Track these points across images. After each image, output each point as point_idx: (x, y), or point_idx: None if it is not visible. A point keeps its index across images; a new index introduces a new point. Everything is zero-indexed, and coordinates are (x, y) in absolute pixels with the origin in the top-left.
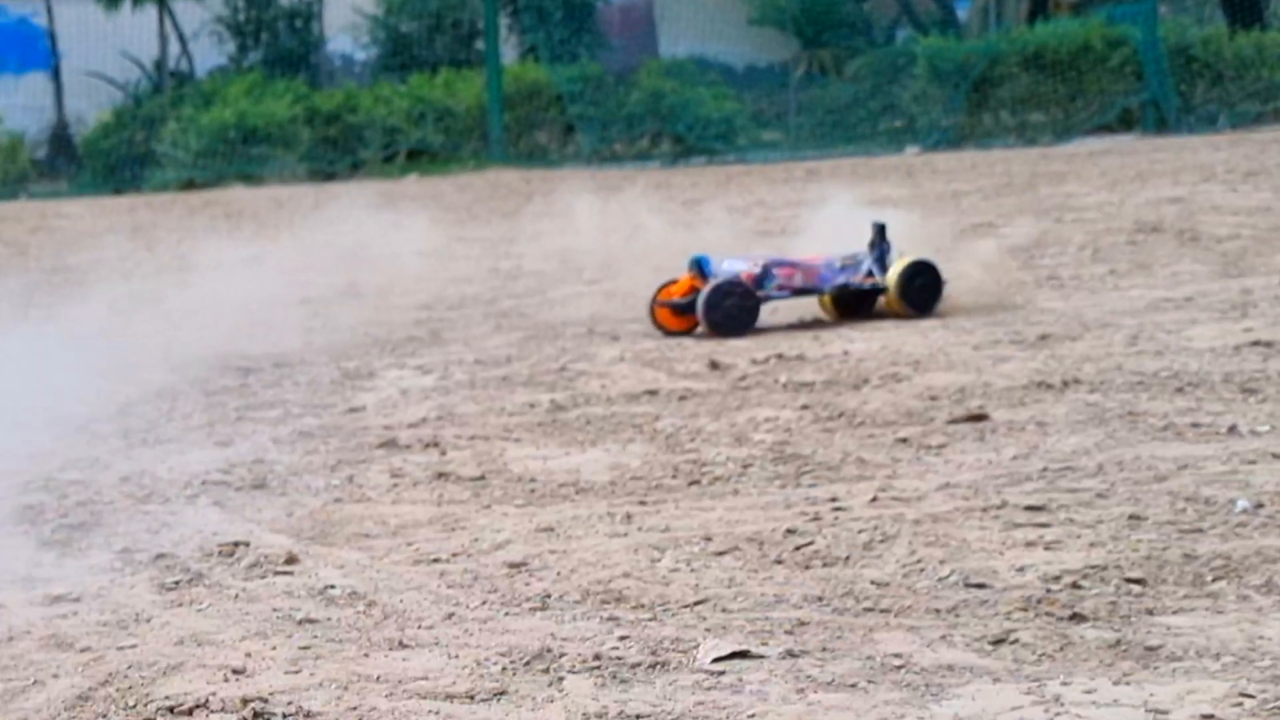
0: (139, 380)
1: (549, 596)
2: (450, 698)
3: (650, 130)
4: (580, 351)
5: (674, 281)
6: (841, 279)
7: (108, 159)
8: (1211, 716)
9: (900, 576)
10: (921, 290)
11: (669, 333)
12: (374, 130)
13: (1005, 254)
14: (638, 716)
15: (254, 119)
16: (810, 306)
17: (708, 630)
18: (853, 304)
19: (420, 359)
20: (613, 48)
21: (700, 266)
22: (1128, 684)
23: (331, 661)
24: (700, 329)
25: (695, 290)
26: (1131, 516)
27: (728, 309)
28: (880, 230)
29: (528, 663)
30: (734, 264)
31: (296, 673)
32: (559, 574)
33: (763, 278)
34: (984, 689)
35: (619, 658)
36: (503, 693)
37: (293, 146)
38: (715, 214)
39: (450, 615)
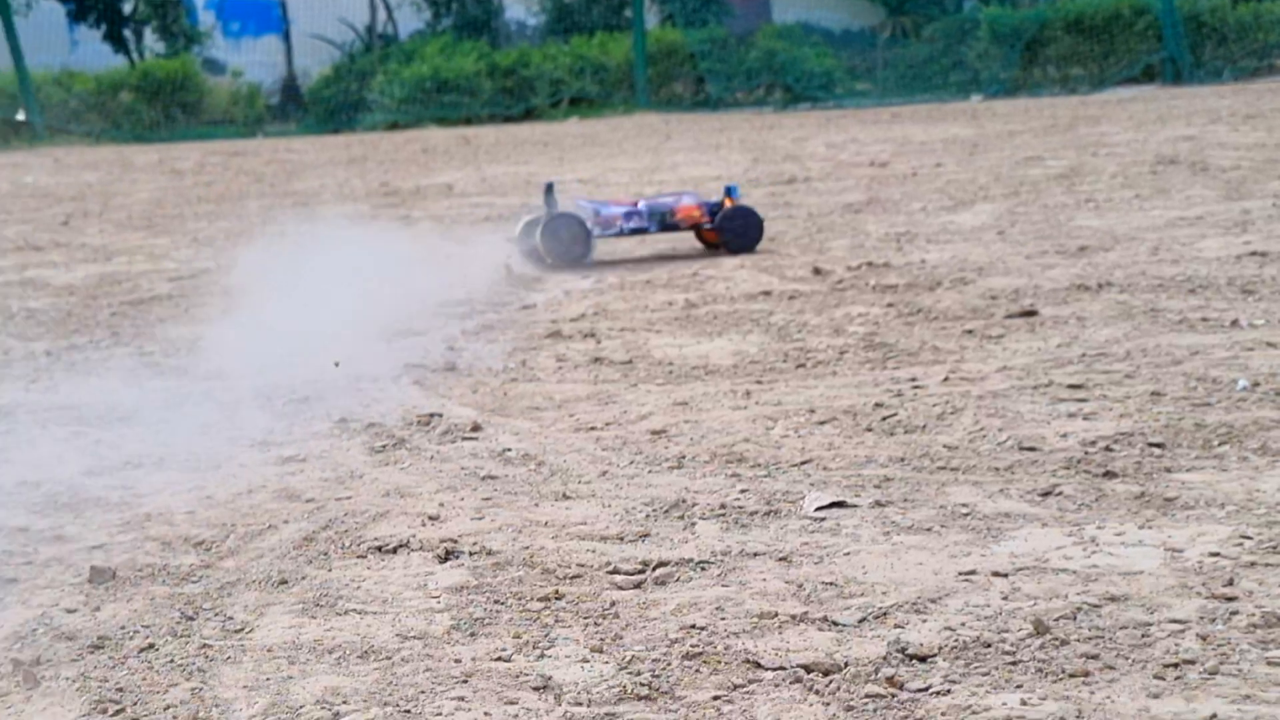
0: (351, 282)
1: (683, 458)
2: (604, 539)
3: (765, 81)
4: (708, 260)
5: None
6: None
7: (327, 105)
8: (1218, 554)
9: (966, 441)
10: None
11: (708, 245)
12: (542, 82)
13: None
14: (755, 554)
15: (446, 72)
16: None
17: (811, 484)
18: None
19: (580, 267)
20: (735, 15)
21: (729, 192)
22: (1150, 528)
23: (508, 510)
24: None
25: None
26: (1153, 393)
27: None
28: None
29: (666, 511)
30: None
31: (480, 519)
32: (691, 439)
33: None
34: (1034, 532)
35: (740, 506)
36: (646, 535)
37: (477, 95)
38: (817, 149)
39: (604, 473)
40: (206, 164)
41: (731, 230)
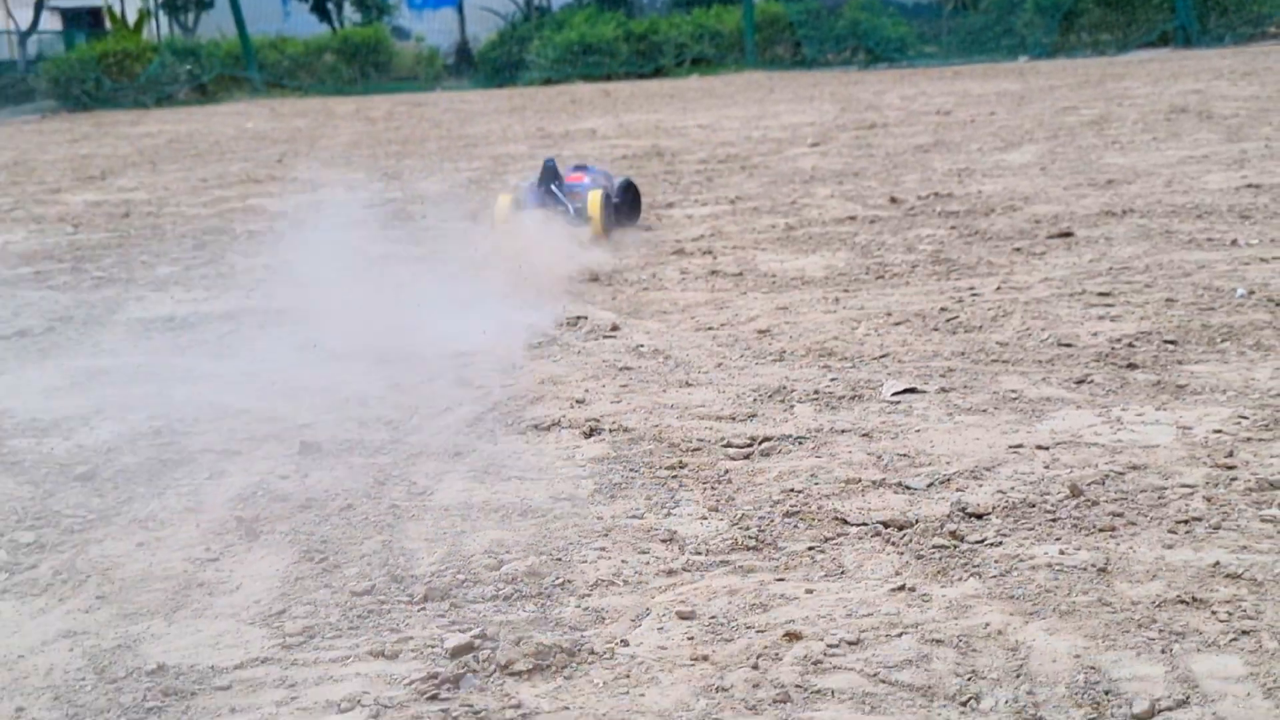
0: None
1: (784, 352)
2: (719, 419)
3: (850, 45)
4: (804, 191)
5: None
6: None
7: (493, 64)
8: (1220, 431)
9: (1015, 339)
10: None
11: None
12: (668, 45)
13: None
14: (842, 431)
15: (590, 38)
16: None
17: (888, 374)
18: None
19: (699, 196)
20: None
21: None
22: (1165, 410)
23: (641, 395)
24: None
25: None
26: (1167, 299)
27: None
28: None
29: (770, 395)
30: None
31: (618, 402)
32: (791, 337)
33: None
34: (1070, 413)
35: (830, 392)
36: (753, 415)
37: (615, 56)
38: (893, 100)
39: (719, 364)
40: (394, 113)
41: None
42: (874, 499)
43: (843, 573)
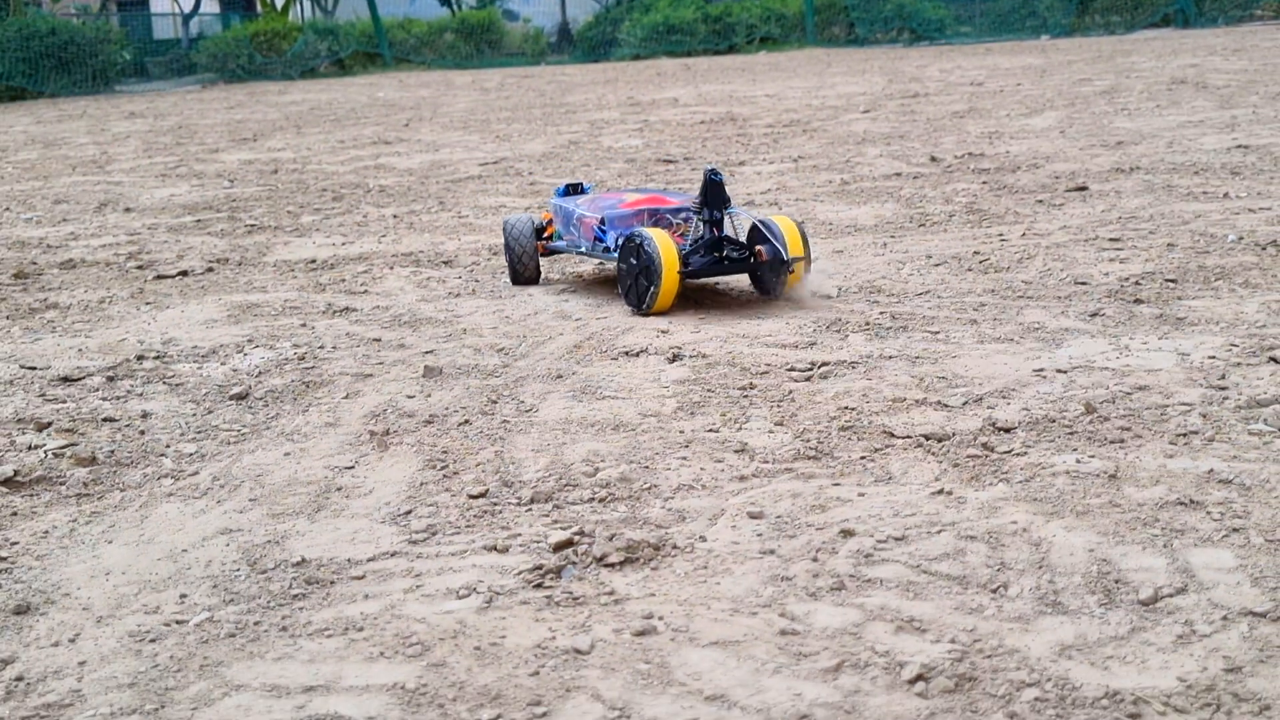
0: (602, 167)
1: (840, 289)
2: (783, 346)
3: (896, 25)
4: (857, 151)
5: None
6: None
7: (590, 42)
8: (1214, 357)
9: (1038, 278)
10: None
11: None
12: (740, 26)
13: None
14: (889, 357)
15: (673, 19)
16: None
17: (930, 308)
18: None
19: (767, 155)
20: None
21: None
22: (1166, 339)
23: (716, 326)
24: None
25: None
26: (1168, 244)
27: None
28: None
29: (827, 327)
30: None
31: (697, 333)
32: (845, 276)
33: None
34: (1085, 341)
35: (879, 324)
36: (813, 343)
37: (694, 35)
38: (933, 74)
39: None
40: (505, 84)
41: None
42: (917, 415)
43: (890, 479)
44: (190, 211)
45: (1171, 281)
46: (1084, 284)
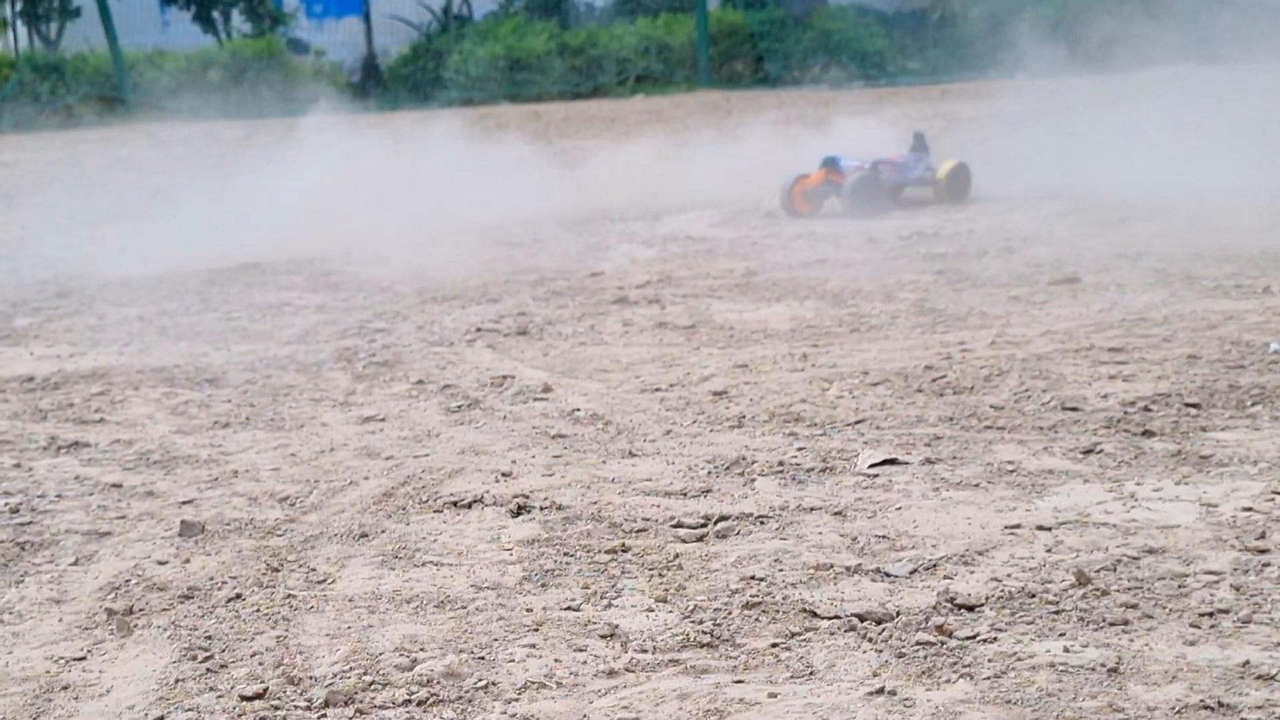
0: (428, 250)
1: (744, 417)
2: (668, 494)
3: (821, 60)
4: (768, 229)
5: (807, 175)
6: (915, 174)
7: (406, 82)
8: (1251, 509)
9: (1012, 401)
10: (961, 182)
11: (798, 214)
12: (610, 60)
13: None
14: (811, 509)
15: (518, 51)
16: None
17: (865, 443)
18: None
19: (643, 235)
20: None
21: (833, 163)
22: (1186, 484)
23: (577, 467)
24: (841, 209)
25: (828, 181)
26: (1189, 355)
27: (868, 197)
28: (921, 138)
29: (727, 468)
30: (850, 162)
31: (550, 475)
32: (751, 400)
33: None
34: (1076, 488)
35: (797, 464)
36: (709, 490)
37: (548, 73)
38: (868, 126)
39: (668, 431)
40: (289, 138)
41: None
42: (848, 587)
43: (812, 673)
44: None
45: (1193, 406)
46: (1075, 410)
